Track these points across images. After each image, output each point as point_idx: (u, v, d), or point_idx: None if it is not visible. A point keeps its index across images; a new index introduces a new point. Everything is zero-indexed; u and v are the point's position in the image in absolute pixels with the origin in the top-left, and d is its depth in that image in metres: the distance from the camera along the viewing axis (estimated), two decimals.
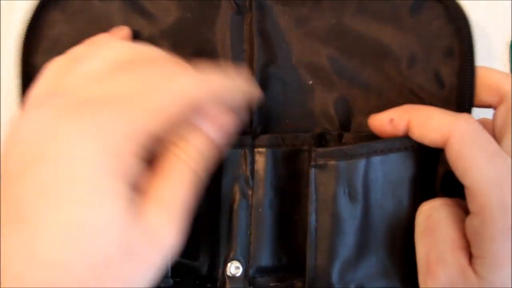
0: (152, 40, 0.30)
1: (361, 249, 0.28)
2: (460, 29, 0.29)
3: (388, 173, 0.28)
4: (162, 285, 0.30)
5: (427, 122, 0.26)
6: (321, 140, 0.31)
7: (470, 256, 0.26)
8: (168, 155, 0.24)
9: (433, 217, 0.27)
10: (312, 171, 0.27)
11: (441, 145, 0.26)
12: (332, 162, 0.27)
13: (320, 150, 0.27)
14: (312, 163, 0.27)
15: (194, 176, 0.24)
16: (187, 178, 0.24)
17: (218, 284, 0.30)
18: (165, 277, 0.30)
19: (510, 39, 0.35)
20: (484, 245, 0.25)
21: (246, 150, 0.30)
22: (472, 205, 0.25)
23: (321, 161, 0.27)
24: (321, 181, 0.27)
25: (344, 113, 0.31)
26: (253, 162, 0.30)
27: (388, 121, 0.27)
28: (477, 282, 0.25)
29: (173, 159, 0.24)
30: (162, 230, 0.23)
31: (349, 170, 0.27)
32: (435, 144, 0.26)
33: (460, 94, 0.29)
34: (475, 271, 0.25)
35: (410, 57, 0.30)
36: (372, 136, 0.30)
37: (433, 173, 0.29)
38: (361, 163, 0.28)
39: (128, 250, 0.21)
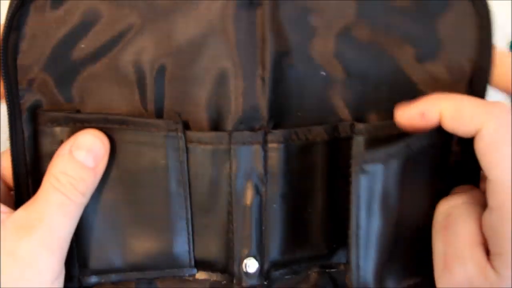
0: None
1: (393, 247, 0.28)
2: (482, 19, 0.29)
3: (416, 170, 0.28)
4: (187, 274, 0.31)
5: (459, 114, 0.25)
6: (334, 132, 0.31)
7: (488, 253, 0.25)
8: (42, 185, 0.28)
9: (452, 216, 0.27)
10: (357, 176, 0.26)
11: (474, 136, 0.25)
12: (376, 168, 0.26)
13: (367, 154, 0.26)
14: (357, 168, 0.26)
15: (65, 200, 0.27)
16: (58, 202, 0.27)
17: (234, 281, 0.31)
18: (188, 266, 0.31)
19: (510, 39, 0.36)
20: (501, 242, 0.24)
21: (259, 146, 0.30)
22: (492, 199, 0.25)
23: (366, 166, 0.26)
24: (365, 187, 0.26)
25: (356, 104, 0.31)
26: (266, 158, 0.30)
27: (419, 115, 0.26)
28: (496, 279, 0.25)
29: (43, 186, 0.27)
30: (31, 255, 0.26)
31: (390, 173, 0.26)
32: (469, 136, 0.25)
33: (475, 83, 0.29)
34: (493, 267, 0.25)
35: (427, 48, 0.30)
36: (384, 126, 0.30)
37: (447, 161, 0.29)
38: (399, 165, 0.27)
39: (13, 278, 0.26)
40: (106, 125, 0.29)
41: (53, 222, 0.27)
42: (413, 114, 0.27)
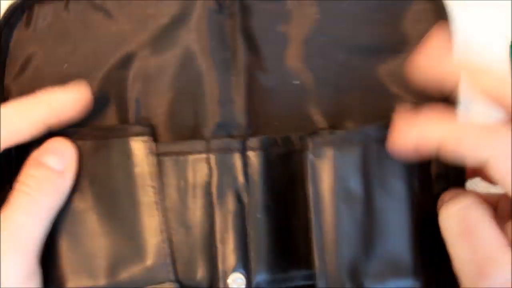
0: (131, 51, 0.30)
1: (367, 244, 0.28)
2: (438, 11, 0.29)
3: (383, 161, 0.28)
4: None
5: (461, 147, 0.25)
6: None
7: None
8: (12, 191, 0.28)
9: (469, 218, 0.26)
10: (310, 159, 0.27)
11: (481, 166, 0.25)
12: (330, 152, 0.27)
13: (317, 138, 0.27)
14: (310, 152, 0.27)
15: (29, 199, 0.27)
16: (23, 203, 0.27)
17: None
18: (169, 281, 0.29)
19: (510, 39, 0.35)
20: None
21: (238, 154, 0.29)
22: None
23: (318, 150, 0.27)
24: (319, 172, 0.27)
25: (331, 111, 0.31)
26: (246, 166, 0.29)
27: (413, 147, 0.26)
28: None
29: (13, 191, 0.27)
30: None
31: (346, 159, 0.27)
32: (473, 166, 0.25)
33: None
34: None
35: (393, 49, 0.30)
36: None
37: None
38: (358, 151, 0.28)
39: None
40: (77, 136, 0.29)
41: (15, 222, 0.27)
42: (407, 144, 0.26)
